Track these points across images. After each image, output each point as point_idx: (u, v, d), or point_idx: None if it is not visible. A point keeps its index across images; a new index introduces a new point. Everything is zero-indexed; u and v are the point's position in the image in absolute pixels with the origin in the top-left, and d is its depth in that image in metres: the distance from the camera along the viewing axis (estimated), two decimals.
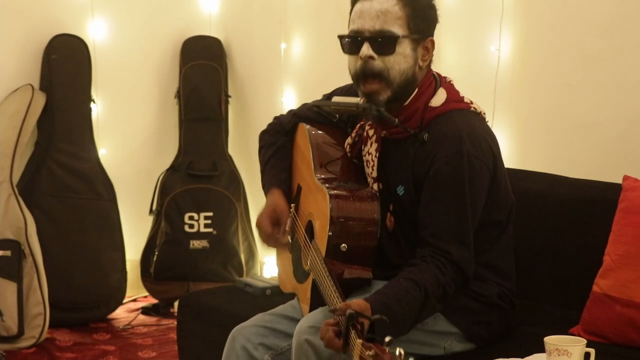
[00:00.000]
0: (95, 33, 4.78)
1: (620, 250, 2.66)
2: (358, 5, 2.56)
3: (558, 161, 3.47)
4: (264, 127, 4.88)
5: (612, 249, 2.69)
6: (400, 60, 2.52)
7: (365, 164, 2.68)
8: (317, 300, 2.52)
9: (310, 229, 2.69)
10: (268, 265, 4.84)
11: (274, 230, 2.79)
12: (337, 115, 2.80)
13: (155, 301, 4.83)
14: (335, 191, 2.58)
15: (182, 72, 4.93)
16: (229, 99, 4.99)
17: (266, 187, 2.91)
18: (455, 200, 2.47)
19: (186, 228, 4.76)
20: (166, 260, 4.74)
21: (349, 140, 2.75)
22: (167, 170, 4.87)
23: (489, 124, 2.71)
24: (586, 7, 3.41)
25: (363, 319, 2.14)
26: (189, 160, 4.88)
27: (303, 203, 2.82)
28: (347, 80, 4.36)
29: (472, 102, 2.63)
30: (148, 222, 4.86)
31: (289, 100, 4.69)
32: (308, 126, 2.86)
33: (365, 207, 2.55)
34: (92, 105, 4.69)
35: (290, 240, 2.85)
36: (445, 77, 2.68)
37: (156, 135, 5.04)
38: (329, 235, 2.50)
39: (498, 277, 2.64)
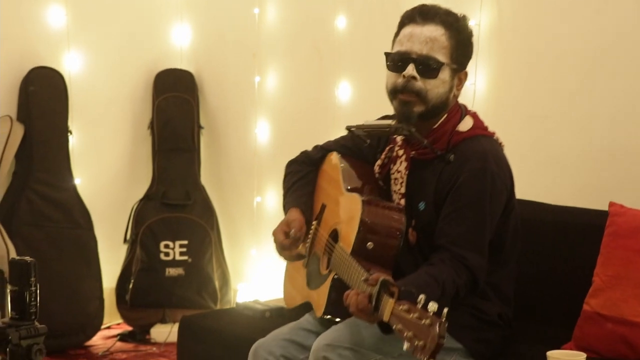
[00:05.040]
0: (71, 65, 4.87)
1: (610, 272, 2.86)
2: (408, 29, 2.75)
3: (533, 190, 3.65)
4: (235, 157, 5.09)
5: (601, 270, 2.89)
6: (439, 84, 2.72)
7: (393, 181, 2.85)
8: (334, 296, 2.67)
9: (334, 237, 2.83)
10: (241, 292, 4.95)
11: (286, 241, 2.91)
12: (368, 141, 2.92)
13: (129, 328, 4.91)
14: (367, 198, 2.74)
15: (156, 104, 5.04)
16: (201, 130, 5.11)
17: (286, 207, 3.04)
18: (475, 212, 2.66)
19: (162, 256, 4.86)
20: (142, 287, 4.83)
21: (378, 162, 2.92)
22: (142, 199, 4.97)
23: None
24: (559, 42, 3.62)
25: (394, 288, 2.28)
26: (162, 189, 4.98)
27: (327, 218, 2.95)
28: (321, 113, 4.59)
29: (495, 133, 2.83)
30: (122, 250, 4.95)
31: (263, 132, 4.83)
32: (337, 154, 3.03)
33: (393, 216, 2.71)
34: (69, 135, 4.78)
35: (307, 257, 2.98)
36: (470, 109, 2.88)
37: (130, 165, 5.14)
38: (357, 232, 2.64)
39: (500, 300, 2.83)
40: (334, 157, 3.03)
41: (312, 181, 3.11)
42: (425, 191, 2.76)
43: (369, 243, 2.65)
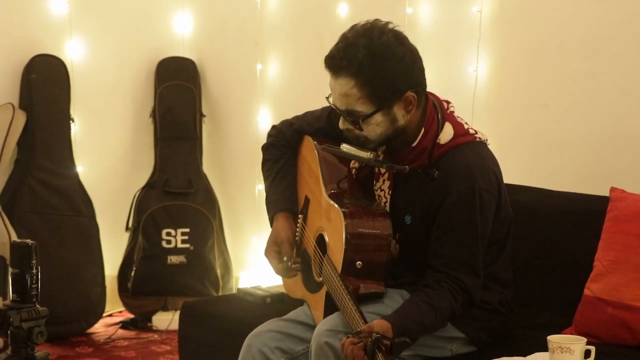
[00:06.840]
0: (73, 53, 4.87)
1: (611, 257, 2.86)
2: (330, 80, 2.64)
3: (535, 177, 3.65)
4: (237, 145, 5.08)
5: (602, 255, 2.89)
6: (374, 127, 2.61)
7: (377, 198, 2.79)
8: (331, 308, 2.65)
9: (321, 243, 2.79)
10: (243, 280, 4.96)
11: (281, 262, 2.90)
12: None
13: (131, 316, 4.92)
14: (349, 209, 2.65)
15: (158, 92, 5.04)
16: (203, 119, 5.11)
17: (271, 208, 2.99)
18: (467, 232, 2.61)
19: (164, 244, 4.87)
20: (144, 275, 4.84)
21: (355, 164, 2.84)
22: (143, 187, 4.97)
23: None
24: (560, 30, 3.62)
25: (387, 341, 2.27)
26: (164, 177, 4.98)
27: (312, 215, 2.91)
28: (322, 101, 4.56)
29: (476, 132, 2.72)
30: (124, 238, 4.96)
31: (265, 120, 4.83)
32: (315, 141, 2.92)
33: (378, 224, 2.64)
34: (71, 123, 4.78)
35: (297, 252, 2.94)
36: (448, 104, 2.76)
37: (132, 153, 5.15)
38: (344, 253, 2.59)
39: (499, 286, 2.82)
40: (313, 145, 2.92)
41: (293, 168, 3.05)
42: (411, 206, 2.70)
43: (358, 262, 2.61)
